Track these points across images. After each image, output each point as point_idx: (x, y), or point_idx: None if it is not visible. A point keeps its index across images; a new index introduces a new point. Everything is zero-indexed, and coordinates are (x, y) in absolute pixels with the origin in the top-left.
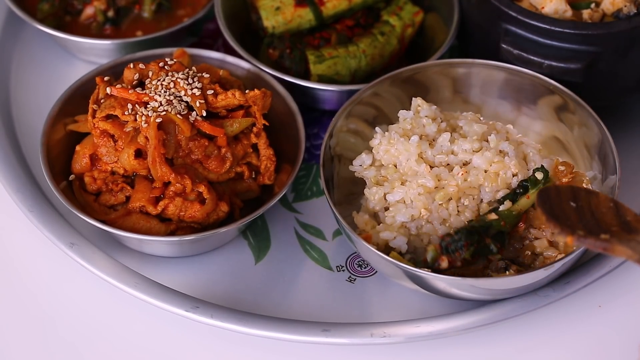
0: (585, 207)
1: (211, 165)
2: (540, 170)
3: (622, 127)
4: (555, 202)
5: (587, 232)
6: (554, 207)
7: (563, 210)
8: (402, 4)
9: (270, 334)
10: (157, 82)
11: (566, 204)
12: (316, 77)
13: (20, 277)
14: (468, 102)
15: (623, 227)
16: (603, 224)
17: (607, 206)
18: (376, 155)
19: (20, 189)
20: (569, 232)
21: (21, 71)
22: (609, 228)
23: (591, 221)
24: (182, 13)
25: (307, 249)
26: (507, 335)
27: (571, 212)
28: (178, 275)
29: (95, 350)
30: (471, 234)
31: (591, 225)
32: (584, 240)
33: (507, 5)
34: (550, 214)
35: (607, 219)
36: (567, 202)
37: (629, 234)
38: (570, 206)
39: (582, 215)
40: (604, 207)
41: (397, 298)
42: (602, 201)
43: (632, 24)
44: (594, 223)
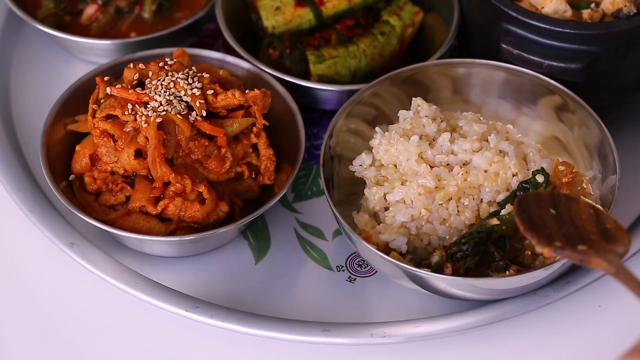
0: (565, 214)
1: (211, 165)
2: (540, 173)
3: (622, 127)
4: (534, 210)
5: (565, 241)
6: (532, 215)
7: (542, 217)
8: (402, 4)
9: (270, 334)
10: (157, 82)
11: (545, 211)
12: (316, 77)
13: (20, 277)
14: (468, 102)
15: (602, 234)
16: (583, 231)
17: (587, 213)
18: (376, 155)
19: (20, 189)
20: (545, 244)
21: (21, 71)
22: (588, 235)
23: (570, 229)
24: (182, 14)
25: (307, 249)
26: (507, 335)
27: (550, 219)
28: (178, 275)
29: (96, 350)
30: (478, 245)
31: (570, 233)
32: (561, 252)
33: (507, 5)
34: (528, 224)
35: (587, 226)
36: (546, 209)
37: (607, 242)
38: (550, 213)
39: (562, 222)
40: (584, 214)
41: (397, 298)
42: (582, 208)
43: (632, 24)
44: (573, 231)
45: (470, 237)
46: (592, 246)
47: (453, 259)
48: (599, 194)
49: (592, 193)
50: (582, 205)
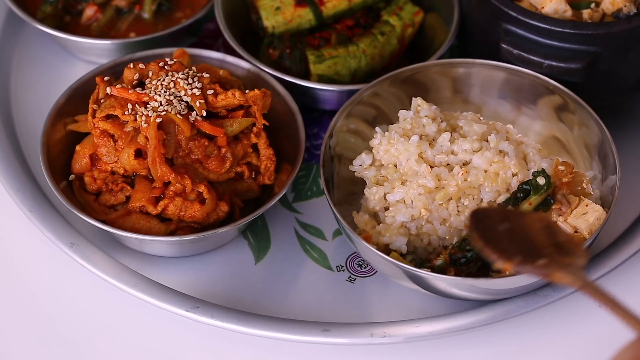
0: (517, 228)
1: (211, 165)
2: (542, 175)
3: (622, 127)
4: (487, 225)
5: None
6: (486, 231)
7: (496, 232)
8: (402, 4)
9: (270, 334)
10: (157, 82)
11: (498, 227)
12: (316, 77)
13: (20, 277)
14: (468, 102)
15: (557, 248)
16: (537, 245)
17: (539, 227)
18: (376, 155)
19: (20, 189)
20: (506, 259)
21: (21, 71)
22: (543, 249)
23: (524, 243)
24: (182, 14)
25: (307, 249)
26: (507, 335)
27: (503, 234)
28: (178, 275)
29: (96, 350)
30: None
31: (524, 248)
32: (522, 267)
33: (507, 5)
34: (486, 240)
35: (540, 239)
36: (498, 224)
37: (564, 256)
38: (502, 228)
39: (515, 237)
40: (535, 228)
41: (397, 298)
42: (533, 222)
43: (632, 24)
44: (527, 245)
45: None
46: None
47: (456, 264)
48: (599, 194)
49: (592, 193)
50: (533, 220)
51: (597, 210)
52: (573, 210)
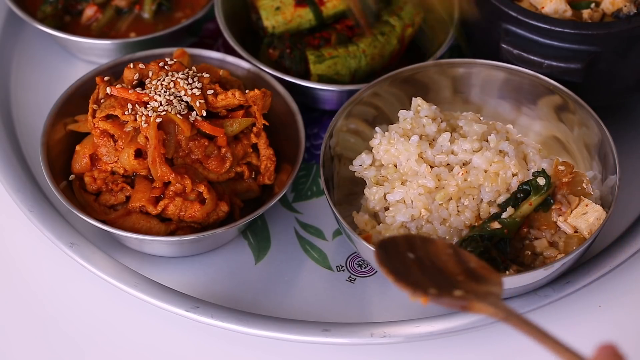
0: (424, 256)
1: (211, 165)
2: (542, 176)
3: (622, 127)
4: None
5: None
6: (396, 263)
7: (404, 264)
8: (402, 4)
9: (270, 334)
10: (157, 82)
11: (405, 257)
12: (316, 77)
13: (20, 277)
14: (468, 102)
15: (468, 275)
16: (447, 273)
17: (447, 253)
18: (376, 155)
19: (20, 189)
20: (421, 293)
21: (21, 71)
22: (454, 277)
23: (433, 272)
24: (182, 14)
25: (307, 249)
26: (507, 335)
27: (412, 264)
28: (178, 275)
29: (96, 350)
30: (482, 253)
31: (435, 277)
32: (439, 300)
33: (507, 5)
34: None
35: (449, 267)
36: (405, 253)
37: (477, 283)
38: (409, 258)
39: (423, 266)
40: (443, 255)
41: (397, 298)
42: (440, 248)
43: (632, 24)
44: (437, 274)
45: (475, 245)
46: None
47: None
48: (599, 194)
49: (592, 193)
50: (440, 246)
51: (597, 210)
52: (573, 210)
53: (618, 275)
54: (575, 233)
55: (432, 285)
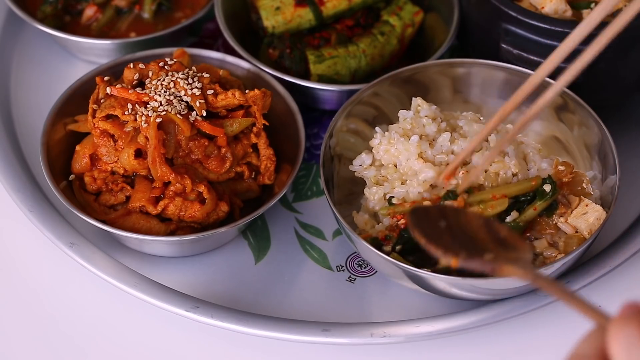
0: (456, 226)
1: (211, 165)
2: (548, 182)
3: (622, 127)
4: (427, 223)
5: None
6: (427, 229)
7: (436, 230)
8: (402, 3)
9: (270, 334)
10: (157, 82)
11: (435, 224)
12: (316, 77)
13: (20, 277)
14: (468, 102)
15: (499, 244)
16: (477, 241)
17: (478, 223)
18: (376, 155)
19: (20, 189)
20: (452, 254)
21: (21, 71)
22: (484, 245)
23: (465, 240)
24: (182, 14)
25: (307, 248)
26: (507, 335)
27: (443, 232)
28: (178, 275)
29: (97, 350)
30: None
31: (466, 244)
32: (470, 262)
33: (507, 5)
34: (427, 237)
35: (480, 236)
36: (436, 221)
37: (507, 251)
38: (441, 226)
39: (454, 234)
40: (474, 225)
41: (397, 298)
42: (471, 219)
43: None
44: (468, 241)
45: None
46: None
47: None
48: (599, 194)
49: (592, 193)
50: (471, 217)
51: (597, 210)
52: (573, 210)
53: (618, 275)
54: (575, 233)
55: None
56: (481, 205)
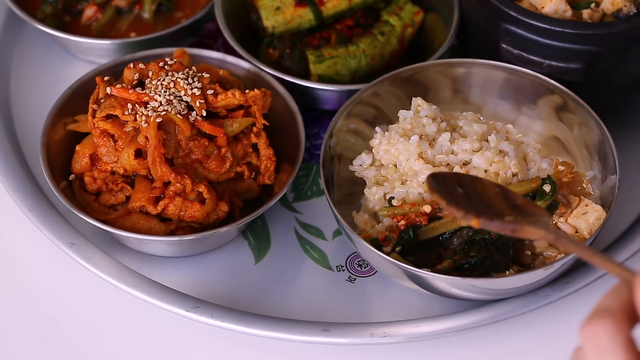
0: (472, 192)
1: (211, 165)
2: (548, 183)
3: (622, 127)
4: (445, 188)
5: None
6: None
7: (454, 195)
8: (402, 3)
9: (270, 334)
10: (157, 82)
11: (453, 189)
12: (316, 77)
13: (20, 277)
14: (468, 102)
15: (515, 211)
16: (494, 208)
17: (494, 191)
18: (376, 155)
19: (20, 189)
20: (474, 216)
21: (21, 71)
22: (501, 212)
23: (482, 206)
24: (182, 14)
25: (307, 248)
26: (507, 335)
27: (460, 197)
28: (178, 275)
29: (96, 350)
30: (486, 258)
31: (483, 210)
32: (490, 223)
33: (507, 5)
34: (448, 199)
35: (496, 203)
36: (453, 187)
37: (524, 216)
38: (458, 192)
39: (471, 200)
40: (490, 192)
41: (397, 298)
42: (487, 186)
43: (632, 24)
44: (484, 207)
45: (479, 249)
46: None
47: (459, 269)
48: (599, 194)
49: (592, 193)
50: (487, 184)
51: (597, 210)
52: (573, 210)
53: None
54: (575, 233)
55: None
56: None
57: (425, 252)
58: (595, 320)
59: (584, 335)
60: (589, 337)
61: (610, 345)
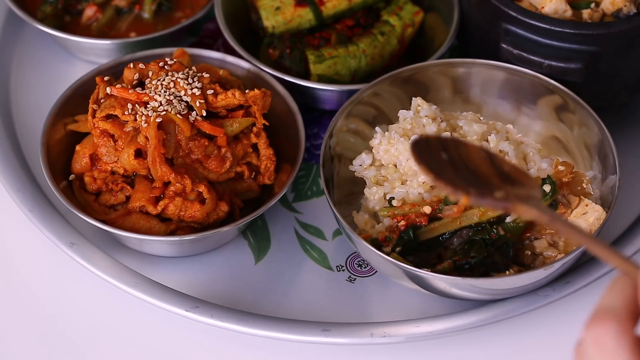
0: (457, 158)
1: (211, 165)
2: (547, 183)
3: (622, 127)
4: (429, 156)
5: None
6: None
7: (438, 163)
8: (402, 3)
9: (270, 334)
10: (157, 82)
11: (438, 156)
12: (316, 77)
13: (20, 277)
14: (468, 102)
15: (502, 178)
16: (480, 175)
17: (480, 156)
18: (376, 155)
19: (20, 189)
20: (462, 191)
21: (21, 71)
22: (488, 180)
23: (467, 173)
24: (182, 14)
25: (307, 248)
26: (507, 335)
27: (445, 165)
28: (178, 275)
29: (96, 350)
30: (486, 258)
31: (468, 178)
32: (480, 199)
33: (507, 5)
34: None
35: (483, 170)
36: (437, 153)
37: (513, 187)
38: (443, 158)
39: (456, 167)
40: (476, 158)
41: (397, 298)
42: (472, 151)
43: (632, 24)
44: (470, 175)
45: (479, 249)
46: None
47: (458, 269)
48: (599, 194)
49: (592, 193)
50: (472, 149)
51: (597, 210)
52: (573, 210)
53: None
54: None
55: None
56: (481, 207)
57: (425, 252)
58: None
59: (587, 337)
60: (593, 340)
61: (615, 347)
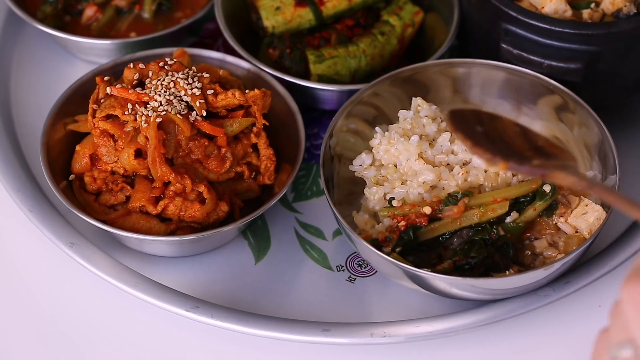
0: (492, 131)
1: (211, 165)
2: (548, 183)
3: (622, 127)
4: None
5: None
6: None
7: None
8: (402, 3)
9: (270, 334)
10: (157, 82)
11: (473, 128)
12: (316, 77)
13: (20, 277)
14: (468, 102)
15: (537, 152)
16: (515, 148)
17: (514, 130)
18: (376, 155)
19: (20, 189)
20: (500, 159)
21: (21, 71)
22: (521, 152)
23: (502, 146)
24: (182, 14)
25: (307, 248)
26: (507, 335)
27: (480, 137)
28: (178, 275)
29: (96, 349)
30: (486, 258)
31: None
32: (519, 167)
33: (507, 5)
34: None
35: (517, 143)
36: (473, 125)
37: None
38: (478, 130)
39: (491, 140)
40: (510, 131)
41: (397, 298)
42: (507, 125)
43: (632, 23)
44: (505, 148)
45: (479, 250)
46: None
47: (459, 269)
48: None
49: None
50: (507, 123)
51: (597, 210)
52: (573, 210)
53: (618, 275)
54: (575, 233)
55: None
56: (482, 208)
57: (426, 252)
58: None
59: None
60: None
61: None
